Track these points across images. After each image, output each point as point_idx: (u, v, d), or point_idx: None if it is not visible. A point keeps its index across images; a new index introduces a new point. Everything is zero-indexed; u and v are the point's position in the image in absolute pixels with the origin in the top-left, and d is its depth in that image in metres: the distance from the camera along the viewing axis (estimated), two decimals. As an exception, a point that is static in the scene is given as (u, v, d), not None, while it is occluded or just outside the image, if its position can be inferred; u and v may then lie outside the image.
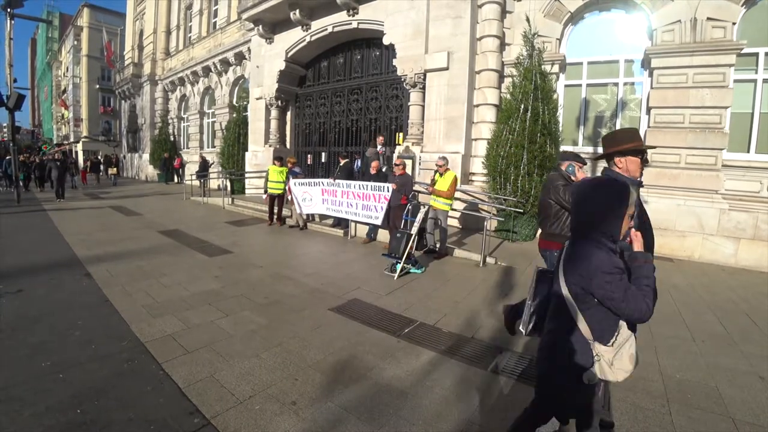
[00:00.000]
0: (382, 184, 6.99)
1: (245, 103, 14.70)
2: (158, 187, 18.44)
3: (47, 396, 2.49)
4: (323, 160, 12.36)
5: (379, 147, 8.91)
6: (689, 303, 4.72)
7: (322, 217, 8.81)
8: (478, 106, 8.69)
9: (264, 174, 9.13)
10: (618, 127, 7.93)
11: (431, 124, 8.88)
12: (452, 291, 4.89)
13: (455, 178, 6.29)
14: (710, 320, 4.20)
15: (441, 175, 6.30)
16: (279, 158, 9.18)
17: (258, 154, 13.07)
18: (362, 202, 7.31)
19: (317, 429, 2.29)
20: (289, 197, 8.72)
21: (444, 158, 6.41)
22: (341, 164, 8.32)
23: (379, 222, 7.05)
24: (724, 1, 6.55)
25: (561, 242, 2.05)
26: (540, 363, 1.79)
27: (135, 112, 25.69)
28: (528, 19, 7.83)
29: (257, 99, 13.33)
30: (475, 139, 8.77)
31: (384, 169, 8.02)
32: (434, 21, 8.72)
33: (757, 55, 6.67)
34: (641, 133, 7.61)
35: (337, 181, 7.84)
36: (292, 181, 8.59)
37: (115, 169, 21.08)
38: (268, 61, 12.76)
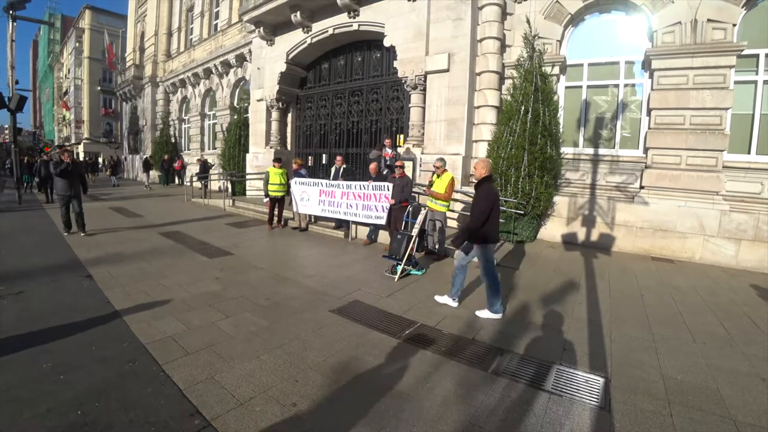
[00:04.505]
0: (382, 184, 7.00)
1: (246, 104, 14.72)
2: (159, 189, 18.47)
3: (48, 397, 2.49)
4: (324, 162, 12.38)
5: (388, 150, 8.89)
6: (690, 304, 4.71)
7: (322, 218, 8.80)
8: (478, 107, 8.69)
9: (263, 176, 9.04)
10: (619, 128, 7.95)
11: (432, 125, 8.89)
12: (453, 292, 4.87)
13: (452, 180, 6.27)
14: (711, 322, 4.19)
15: (438, 176, 6.28)
16: (278, 159, 9.13)
17: (259, 156, 13.09)
18: (362, 203, 7.31)
19: (318, 431, 2.29)
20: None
21: (441, 160, 6.38)
22: (344, 167, 8.31)
23: (382, 221, 7.04)
24: (724, 2, 6.56)
25: None
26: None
27: (136, 113, 25.75)
28: (528, 21, 7.84)
29: (258, 101, 13.35)
30: (476, 141, 8.77)
31: (385, 172, 8.02)
32: (435, 23, 8.73)
33: (757, 56, 6.67)
34: (642, 134, 7.63)
35: (337, 181, 7.84)
36: (293, 180, 8.58)
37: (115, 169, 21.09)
38: (269, 62, 12.78)
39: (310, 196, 8.30)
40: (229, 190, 13.36)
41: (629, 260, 6.78)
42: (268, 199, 8.91)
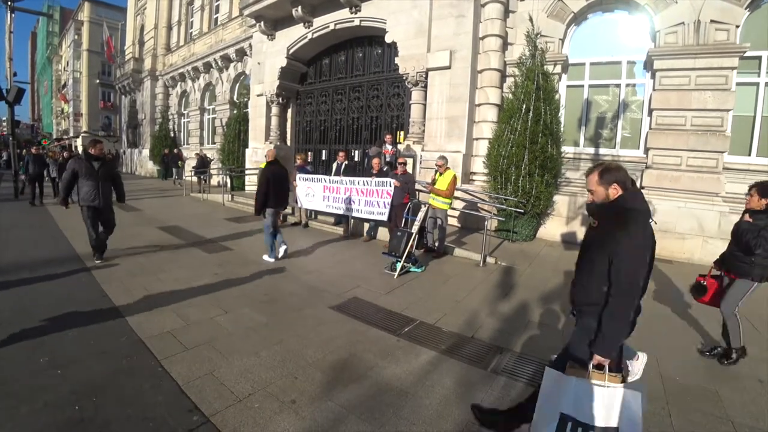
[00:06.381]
0: (384, 180, 6.98)
1: (246, 99, 14.64)
2: (158, 183, 18.40)
3: (45, 392, 2.48)
4: (324, 158, 12.34)
5: (389, 147, 8.85)
6: (688, 306, 4.71)
7: (322, 214, 8.78)
8: (479, 105, 8.66)
9: (258, 171, 8.93)
10: (620, 128, 7.94)
11: (432, 122, 8.86)
12: (452, 290, 4.88)
13: (454, 177, 6.28)
14: (709, 323, 4.19)
15: (441, 174, 6.29)
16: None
17: (258, 151, 13.03)
18: (365, 198, 7.29)
19: (317, 428, 2.28)
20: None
21: (443, 157, 6.40)
22: (345, 163, 8.27)
23: (384, 217, 7.01)
24: (727, 3, 6.53)
25: None
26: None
27: (135, 107, 25.58)
28: (531, 19, 7.80)
29: (258, 96, 13.28)
30: (477, 139, 8.75)
31: (385, 169, 8.00)
32: (437, 20, 8.69)
33: (759, 58, 6.66)
34: (643, 134, 7.62)
35: (340, 177, 7.82)
36: (298, 176, 8.52)
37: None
38: (269, 57, 12.71)
39: (315, 192, 8.27)
40: (228, 185, 13.31)
41: (628, 260, 6.78)
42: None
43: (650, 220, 1.88)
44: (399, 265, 5.34)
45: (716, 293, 3.48)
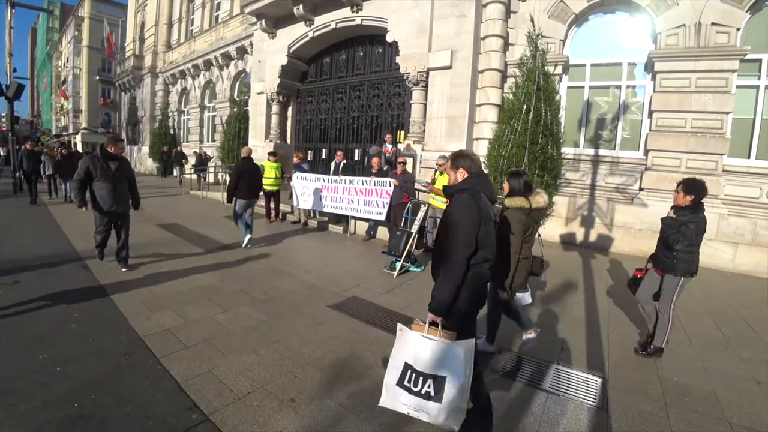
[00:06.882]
0: (384, 179, 6.98)
1: (246, 97, 14.63)
2: (157, 181, 18.37)
3: (44, 390, 2.48)
4: (323, 156, 12.34)
5: (389, 146, 8.86)
6: (687, 307, 4.72)
7: (322, 213, 8.78)
8: (480, 105, 8.66)
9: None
10: (620, 130, 7.95)
11: (433, 122, 8.86)
12: (451, 290, 4.88)
13: None
14: (708, 325, 4.21)
15: (441, 174, 6.29)
16: (273, 153, 9.02)
17: (258, 149, 12.98)
18: (364, 198, 7.28)
19: (316, 426, 2.29)
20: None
21: (444, 157, 6.42)
22: (344, 162, 8.28)
23: (382, 217, 7.01)
24: (729, 6, 6.54)
25: None
26: None
27: (135, 104, 25.55)
28: (532, 20, 7.76)
29: (258, 94, 13.27)
30: (477, 139, 8.75)
31: (385, 168, 8.00)
32: (438, 19, 8.68)
33: (760, 61, 6.67)
34: (643, 136, 7.63)
35: (339, 177, 7.82)
36: (294, 174, 8.52)
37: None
38: (270, 55, 12.69)
39: (312, 191, 8.26)
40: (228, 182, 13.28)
41: (627, 261, 6.80)
42: (261, 193, 8.79)
43: (492, 203, 2.12)
44: (398, 265, 5.35)
45: None
